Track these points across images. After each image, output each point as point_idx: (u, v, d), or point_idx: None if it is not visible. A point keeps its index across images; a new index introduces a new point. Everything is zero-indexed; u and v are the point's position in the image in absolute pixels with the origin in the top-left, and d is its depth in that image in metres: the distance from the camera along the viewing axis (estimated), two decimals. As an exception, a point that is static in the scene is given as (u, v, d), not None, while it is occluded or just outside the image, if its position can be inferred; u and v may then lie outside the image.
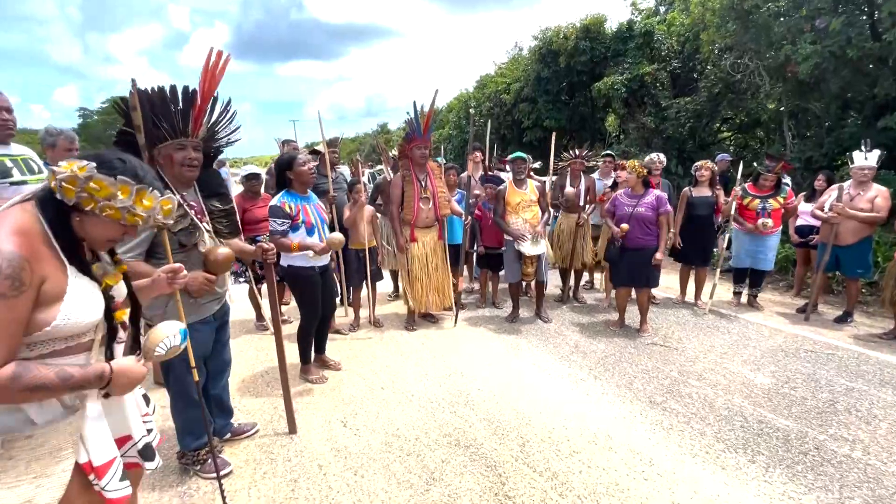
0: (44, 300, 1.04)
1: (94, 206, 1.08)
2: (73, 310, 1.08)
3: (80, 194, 1.06)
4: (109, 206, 1.09)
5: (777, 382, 3.20)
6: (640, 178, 3.95)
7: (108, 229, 1.15)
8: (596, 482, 2.21)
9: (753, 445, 2.50)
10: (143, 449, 1.33)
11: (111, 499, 1.18)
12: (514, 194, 4.21)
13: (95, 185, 1.06)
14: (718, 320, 4.47)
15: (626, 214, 3.93)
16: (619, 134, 11.86)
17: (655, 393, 3.07)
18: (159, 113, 1.83)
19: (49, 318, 1.04)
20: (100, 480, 1.17)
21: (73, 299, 1.08)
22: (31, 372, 0.99)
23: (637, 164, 3.96)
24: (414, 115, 3.83)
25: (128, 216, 1.12)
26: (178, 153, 1.90)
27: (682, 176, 8.29)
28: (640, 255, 3.92)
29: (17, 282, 0.96)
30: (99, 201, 1.07)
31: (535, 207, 4.20)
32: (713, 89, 8.39)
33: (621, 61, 10.39)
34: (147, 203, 1.15)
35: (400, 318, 4.56)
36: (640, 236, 3.91)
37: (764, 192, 4.46)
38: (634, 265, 3.95)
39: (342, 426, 2.71)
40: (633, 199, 3.96)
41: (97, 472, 1.16)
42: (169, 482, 2.22)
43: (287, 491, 2.17)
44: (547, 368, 3.47)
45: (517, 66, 14.17)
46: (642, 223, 3.89)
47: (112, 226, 1.14)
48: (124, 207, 1.11)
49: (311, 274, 3.05)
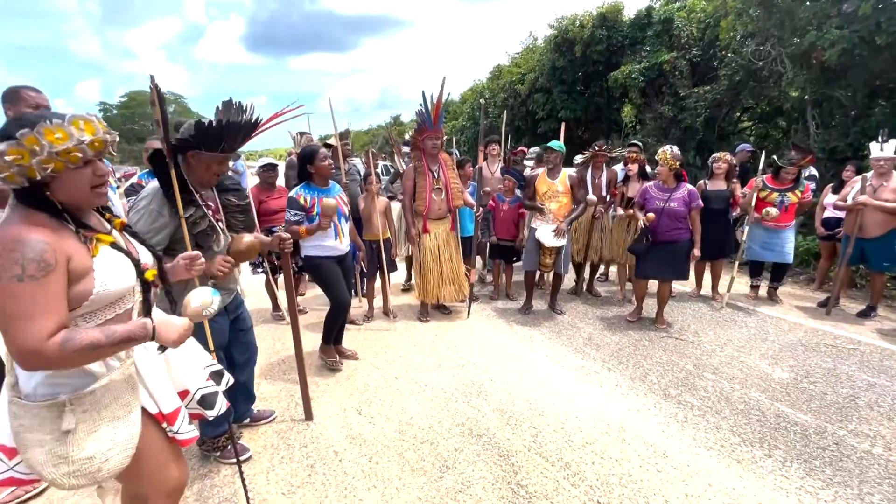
0: (77, 275, 1.12)
1: (37, 172, 1.05)
2: (108, 277, 1.18)
3: (17, 170, 1.04)
4: (45, 162, 1.05)
5: (796, 377, 3.15)
6: (673, 171, 3.83)
7: (77, 178, 1.13)
8: (609, 473, 2.21)
9: (770, 440, 2.47)
10: (202, 400, 1.50)
11: (182, 440, 1.40)
12: (544, 183, 4.20)
13: (12, 157, 1.03)
14: (735, 314, 4.40)
15: (658, 209, 3.83)
16: (636, 124, 11.64)
17: (670, 386, 3.05)
18: (231, 130, 1.85)
19: (88, 288, 1.14)
20: (172, 426, 1.37)
21: (103, 268, 1.18)
22: (78, 335, 1.08)
23: (670, 157, 3.81)
24: (424, 106, 3.82)
25: (71, 156, 1.08)
26: (217, 165, 1.95)
27: (700, 167, 8.11)
28: (669, 248, 3.84)
29: (42, 263, 1.04)
30: (33, 165, 1.05)
31: (562, 198, 4.17)
32: (734, 77, 8.15)
33: (639, 50, 10.18)
34: (60, 136, 1.07)
35: (413, 308, 4.59)
36: (669, 230, 3.82)
37: (784, 185, 4.34)
38: (663, 258, 3.86)
39: (357, 414, 2.76)
40: (664, 193, 3.86)
41: (168, 420, 1.36)
42: (190, 465, 2.29)
43: (304, 476, 2.23)
44: (560, 360, 3.47)
45: (532, 57, 13.99)
46: (673, 217, 3.80)
47: (77, 174, 1.12)
48: (54, 153, 1.06)
49: (328, 263, 3.10)
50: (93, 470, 1.18)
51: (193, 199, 1.93)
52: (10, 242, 1.04)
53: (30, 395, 1.16)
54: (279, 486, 2.16)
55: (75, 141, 1.09)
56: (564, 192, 4.17)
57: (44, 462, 1.14)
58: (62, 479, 1.16)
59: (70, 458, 1.15)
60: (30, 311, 1.03)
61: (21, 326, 1.02)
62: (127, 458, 1.24)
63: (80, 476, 1.17)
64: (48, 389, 1.16)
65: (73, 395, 1.16)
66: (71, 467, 1.16)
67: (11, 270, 1.02)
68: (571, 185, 4.18)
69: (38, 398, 1.15)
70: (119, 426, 1.23)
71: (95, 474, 1.19)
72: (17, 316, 1.02)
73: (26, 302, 1.03)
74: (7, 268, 1.02)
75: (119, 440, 1.22)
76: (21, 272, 1.02)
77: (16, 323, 1.02)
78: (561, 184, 4.16)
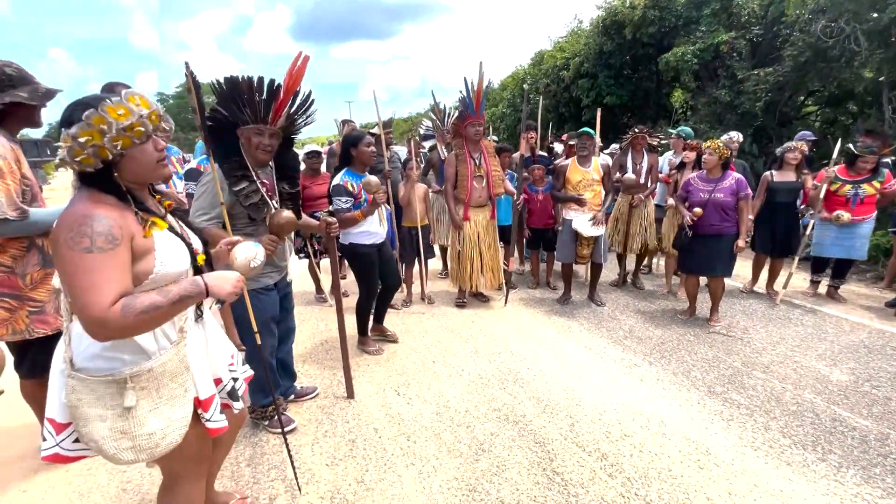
0: (139, 253, 1.18)
1: (109, 151, 1.12)
2: (166, 259, 1.23)
3: (91, 151, 1.10)
4: (115, 139, 1.11)
5: (856, 380, 2.95)
6: (723, 159, 3.61)
7: (142, 154, 1.19)
8: (647, 466, 2.18)
9: (825, 443, 2.34)
10: (231, 391, 1.53)
11: (213, 429, 1.40)
12: (576, 172, 4.08)
13: (85, 138, 1.08)
14: (791, 311, 4.16)
15: (702, 200, 3.62)
16: (686, 110, 11.05)
17: (715, 383, 2.94)
18: (245, 100, 1.97)
19: (149, 268, 1.20)
20: (205, 413, 1.38)
21: (163, 250, 1.23)
22: (137, 299, 1.11)
23: (721, 145, 3.59)
24: (466, 92, 3.80)
25: (134, 133, 1.14)
26: (256, 137, 2.06)
27: (757, 156, 7.62)
28: (715, 242, 3.64)
29: (110, 237, 1.10)
30: (105, 144, 1.10)
31: (597, 187, 4.06)
32: (799, 58, 7.53)
33: (693, 30, 9.58)
34: (122, 113, 1.12)
35: (450, 295, 4.64)
36: (715, 223, 3.60)
37: (860, 175, 3.97)
38: (709, 252, 3.66)
39: (396, 395, 2.84)
40: (709, 184, 3.65)
41: (203, 406, 1.37)
42: (243, 433, 2.46)
43: (346, 450, 2.33)
44: (599, 352, 3.42)
45: (577, 41, 13.50)
46: (719, 209, 3.59)
47: (141, 150, 1.18)
48: (121, 129, 1.11)
49: (368, 252, 3.18)
50: (152, 445, 1.22)
51: (248, 174, 2.07)
52: (80, 217, 1.09)
53: (87, 369, 1.18)
54: (323, 458, 2.27)
55: (136, 116, 1.13)
56: (599, 181, 4.06)
57: (106, 437, 1.17)
58: (123, 454, 1.20)
59: (132, 433, 1.19)
60: (96, 282, 1.07)
61: (87, 296, 1.06)
62: (181, 435, 1.28)
63: (140, 451, 1.21)
64: (105, 363, 1.19)
65: (133, 372, 1.19)
66: (132, 442, 1.20)
67: (81, 243, 1.07)
68: (605, 172, 4.07)
69: (95, 372, 1.18)
70: (176, 405, 1.28)
71: (154, 450, 1.23)
72: (85, 286, 1.06)
73: (94, 273, 1.07)
74: (77, 241, 1.07)
75: (176, 418, 1.27)
76: (90, 244, 1.07)
77: (84, 293, 1.06)
78: (595, 171, 4.05)
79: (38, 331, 1.96)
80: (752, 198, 3.68)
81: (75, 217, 1.09)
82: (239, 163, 2.06)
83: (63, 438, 1.24)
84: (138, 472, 2.18)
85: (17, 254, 1.89)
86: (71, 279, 1.08)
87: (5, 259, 1.87)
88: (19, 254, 1.90)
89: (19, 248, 1.89)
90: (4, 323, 1.91)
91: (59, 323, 2.01)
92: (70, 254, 1.07)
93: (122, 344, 1.19)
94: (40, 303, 1.96)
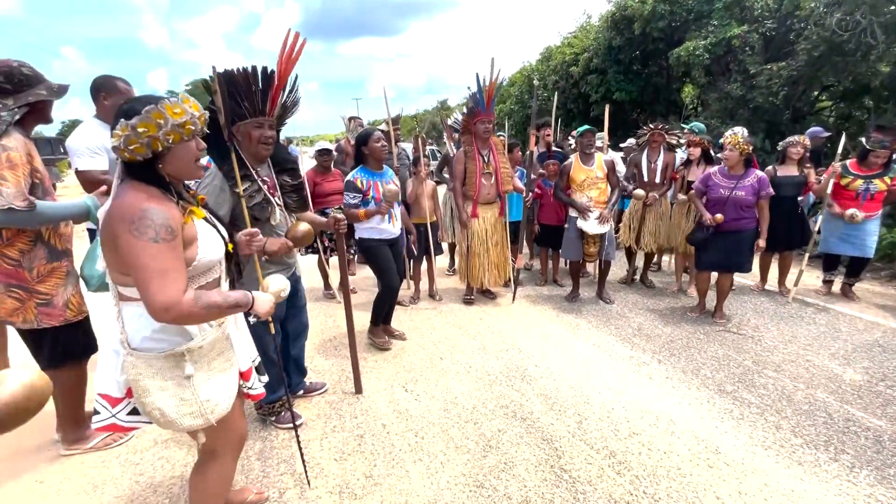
0: (186, 242, 1.28)
1: (161, 143, 1.22)
2: (206, 247, 1.34)
3: (146, 142, 1.20)
4: (168, 134, 1.22)
5: (871, 379, 2.91)
6: (744, 156, 3.54)
7: (186, 151, 1.30)
8: (656, 464, 2.17)
9: (837, 443, 2.31)
10: (258, 366, 1.69)
11: (254, 395, 1.62)
12: (580, 171, 4.05)
13: (143, 129, 1.19)
14: (803, 309, 4.10)
15: (723, 198, 3.56)
16: (697, 106, 10.92)
17: (726, 381, 2.92)
18: (242, 93, 1.95)
19: (192, 255, 1.30)
20: (247, 382, 1.57)
21: (203, 238, 1.34)
22: (206, 294, 1.25)
23: (741, 141, 3.51)
24: (477, 89, 3.78)
25: (184, 130, 1.25)
26: (256, 131, 2.03)
27: (769, 152, 7.51)
28: (733, 238, 3.59)
29: (170, 228, 1.20)
30: (160, 137, 1.21)
31: (602, 184, 4.03)
32: (813, 52, 7.40)
33: (705, 24, 9.46)
34: (179, 111, 1.24)
35: (458, 291, 4.64)
36: (734, 219, 3.55)
37: (871, 170, 3.92)
38: (726, 248, 3.61)
39: (403, 391, 2.86)
40: (730, 181, 3.58)
41: (244, 377, 1.55)
42: (252, 428, 2.48)
43: (354, 444, 2.35)
44: (608, 349, 3.40)
45: (586, 36, 13.40)
46: (739, 206, 3.53)
47: (185, 147, 1.29)
48: (175, 126, 1.23)
49: (381, 247, 3.21)
50: (208, 411, 1.35)
51: (249, 173, 2.05)
52: (138, 210, 1.17)
53: (142, 348, 1.29)
54: (331, 453, 2.29)
55: (189, 115, 1.25)
56: (604, 178, 4.02)
57: (168, 404, 1.30)
58: (183, 420, 1.32)
59: (192, 400, 1.32)
60: (167, 269, 1.17)
61: (161, 282, 1.16)
62: (229, 405, 1.42)
63: (198, 416, 1.34)
64: (153, 344, 1.30)
65: (187, 347, 1.31)
66: (192, 408, 1.33)
67: (147, 233, 1.16)
68: (609, 169, 4.03)
69: (150, 350, 1.29)
70: (226, 377, 1.42)
71: (210, 415, 1.36)
72: (157, 273, 1.15)
73: (163, 260, 1.17)
74: (143, 231, 1.16)
75: (226, 387, 1.41)
76: (155, 235, 1.16)
77: (156, 279, 1.15)
78: (599, 169, 4.01)
79: (45, 323, 2.02)
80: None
81: (133, 210, 1.17)
82: (240, 161, 2.01)
83: (119, 410, 1.37)
84: (150, 464, 2.22)
85: (23, 248, 1.94)
86: (141, 265, 1.16)
87: (13, 252, 1.93)
88: (26, 248, 1.95)
89: (26, 243, 1.95)
90: (17, 312, 1.98)
91: (66, 315, 2.06)
92: (138, 242, 1.15)
93: (169, 327, 1.29)
94: (47, 296, 2.01)
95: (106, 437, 2.34)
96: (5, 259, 1.92)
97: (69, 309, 2.08)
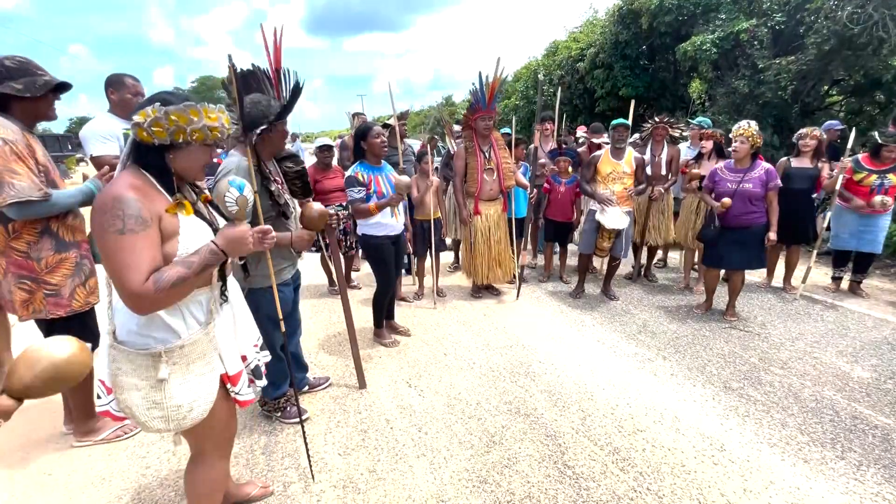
0: (165, 235, 1.26)
1: (184, 136, 1.25)
2: (191, 242, 1.31)
3: (171, 130, 1.23)
4: (195, 131, 1.26)
5: (879, 377, 2.88)
6: (754, 148, 3.49)
7: (200, 154, 1.33)
8: (660, 461, 2.16)
9: (844, 441, 2.29)
10: (254, 369, 1.63)
11: (242, 401, 1.53)
12: (608, 163, 4.01)
13: (175, 118, 1.22)
14: (811, 306, 4.06)
15: (730, 191, 3.51)
16: (704, 101, 10.79)
17: (731, 378, 2.90)
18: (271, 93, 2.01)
19: (172, 250, 1.27)
20: (234, 387, 1.50)
21: (187, 233, 1.31)
22: (164, 273, 1.21)
23: (753, 133, 3.45)
24: (479, 86, 3.76)
25: (210, 133, 1.29)
26: (283, 127, 2.09)
27: (778, 147, 7.42)
28: (742, 234, 3.54)
29: (139, 219, 1.19)
30: (186, 130, 1.24)
31: (627, 180, 3.99)
32: (823, 46, 7.28)
33: (713, 18, 9.33)
34: (213, 116, 1.29)
35: (462, 289, 4.64)
36: (742, 214, 3.50)
37: (884, 165, 3.86)
38: (735, 245, 3.56)
39: (407, 386, 2.86)
40: (737, 174, 3.54)
41: (231, 381, 1.49)
42: (257, 423, 2.50)
43: (358, 440, 2.36)
44: (612, 346, 3.39)
45: (592, 31, 13.28)
46: (747, 200, 3.48)
47: (201, 149, 1.32)
48: (205, 126, 1.27)
49: (383, 242, 3.19)
50: (180, 417, 1.32)
51: (267, 174, 2.07)
52: (111, 200, 1.18)
53: (125, 342, 1.29)
54: (335, 448, 2.30)
55: (220, 124, 1.32)
56: (630, 174, 3.99)
57: (138, 405, 1.29)
58: (153, 423, 1.31)
59: (162, 403, 1.29)
60: (130, 261, 1.16)
61: (125, 274, 1.15)
62: (206, 410, 1.38)
63: (168, 421, 1.31)
64: (140, 339, 1.29)
65: (166, 348, 1.29)
66: (162, 412, 1.30)
67: (114, 225, 1.16)
68: (637, 165, 3.99)
69: (132, 346, 1.28)
70: (203, 381, 1.37)
71: (181, 421, 1.33)
72: (122, 265, 1.16)
73: (128, 252, 1.16)
74: (110, 223, 1.16)
75: (202, 393, 1.37)
76: (122, 226, 1.16)
77: (121, 271, 1.16)
78: (627, 164, 3.97)
79: (53, 313, 2.05)
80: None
81: (107, 200, 1.18)
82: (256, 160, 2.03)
83: (111, 400, 1.36)
84: (157, 457, 2.24)
85: (31, 239, 1.97)
86: (108, 259, 1.18)
87: (21, 244, 1.96)
88: (33, 239, 1.98)
89: (33, 234, 1.98)
90: (26, 304, 2.01)
91: (73, 306, 2.09)
92: (106, 235, 1.17)
93: (154, 323, 1.29)
94: (55, 286, 2.04)
95: (116, 430, 2.37)
96: (15, 251, 1.96)
97: (75, 300, 2.10)
